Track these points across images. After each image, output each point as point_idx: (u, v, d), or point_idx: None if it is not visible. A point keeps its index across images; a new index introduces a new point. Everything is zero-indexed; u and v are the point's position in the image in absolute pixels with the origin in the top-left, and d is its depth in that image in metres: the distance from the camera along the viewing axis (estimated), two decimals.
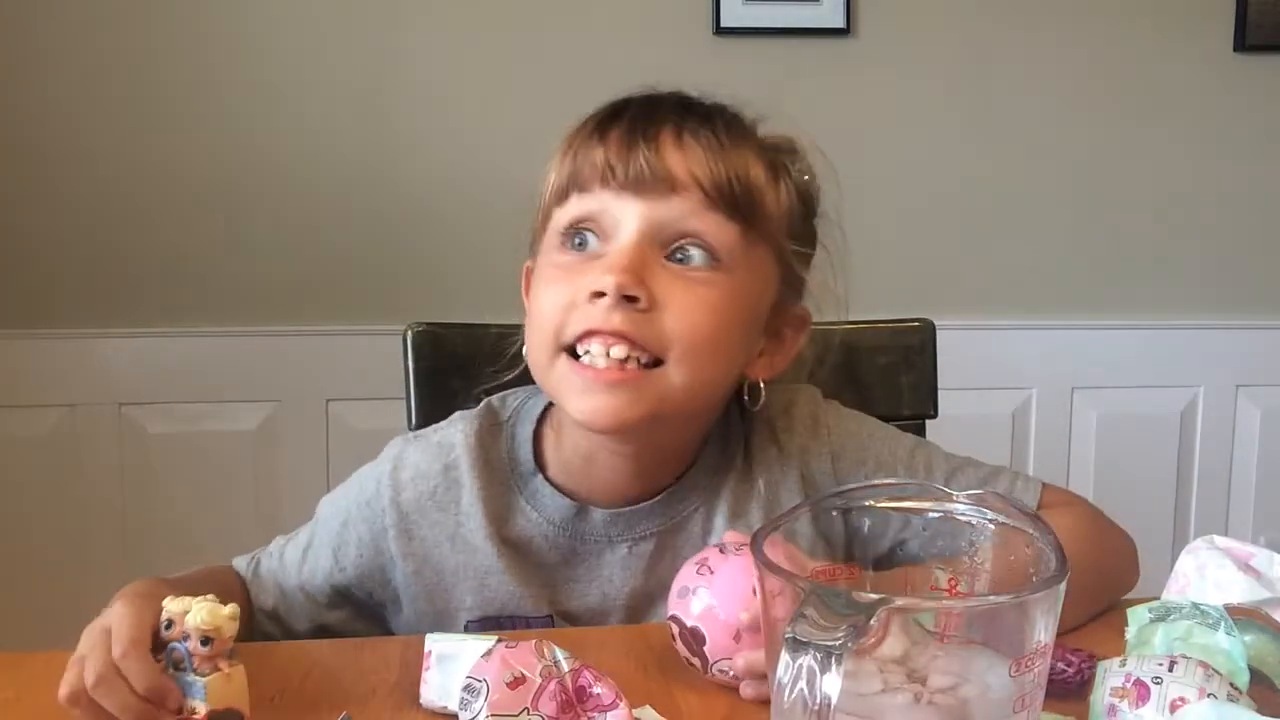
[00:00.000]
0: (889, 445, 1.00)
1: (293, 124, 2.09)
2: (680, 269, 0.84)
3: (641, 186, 0.84)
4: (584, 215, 0.86)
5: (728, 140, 0.87)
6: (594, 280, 0.82)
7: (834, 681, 0.49)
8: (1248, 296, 2.31)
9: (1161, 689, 0.65)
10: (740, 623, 0.78)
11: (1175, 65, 2.23)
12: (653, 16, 2.11)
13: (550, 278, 0.87)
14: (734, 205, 0.85)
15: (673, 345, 0.83)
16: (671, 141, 0.85)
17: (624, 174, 0.84)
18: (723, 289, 0.85)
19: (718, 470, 0.96)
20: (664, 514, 0.94)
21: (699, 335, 0.84)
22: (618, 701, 0.70)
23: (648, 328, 0.82)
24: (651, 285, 0.83)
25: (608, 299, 0.81)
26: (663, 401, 0.84)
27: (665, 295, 0.83)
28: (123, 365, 2.09)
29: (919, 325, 1.28)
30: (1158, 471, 2.31)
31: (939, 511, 0.66)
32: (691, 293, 0.84)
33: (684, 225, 0.84)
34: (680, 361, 0.84)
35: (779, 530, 0.63)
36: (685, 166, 0.84)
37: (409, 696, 0.78)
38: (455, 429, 0.96)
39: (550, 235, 0.89)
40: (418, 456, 0.95)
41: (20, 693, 0.80)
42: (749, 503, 0.95)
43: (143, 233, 2.09)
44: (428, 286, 2.11)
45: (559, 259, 0.87)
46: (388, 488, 0.94)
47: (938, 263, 2.23)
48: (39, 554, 2.10)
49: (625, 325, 0.82)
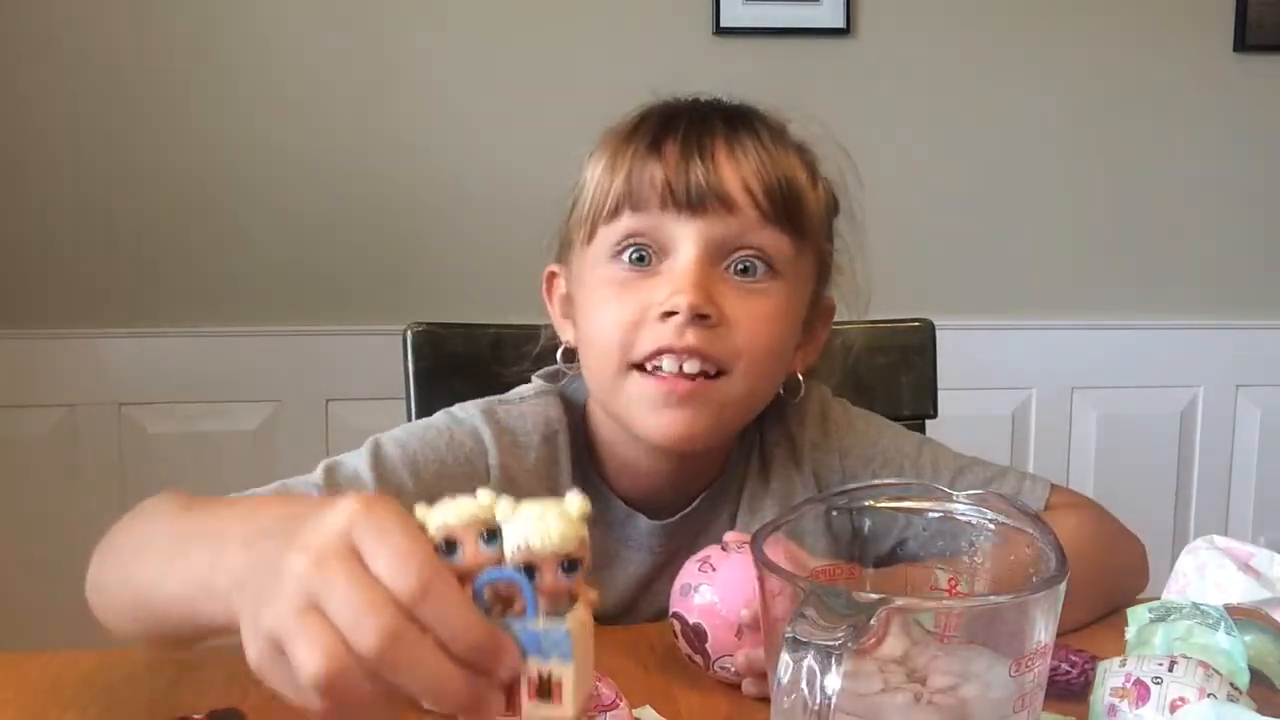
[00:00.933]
0: (896, 443, 1.01)
1: (293, 124, 2.09)
2: (741, 281, 0.86)
3: (699, 206, 0.84)
4: (641, 232, 0.86)
5: (773, 147, 0.88)
6: (665, 300, 0.83)
7: (834, 681, 0.49)
8: (1248, 296, 2.31)
9: (1161, 689, 0.65)
10: (742, 620, 0.78)
11: (1175, 65, 2.23)
12: (653, 16, 2.11)
13: (608, 295, 0.87)
14: (786, 216, 0.86)
15: (740, 358, 0.85)
16: (725, 156, 0.85)
17: (684, 194, 0.84)
18: (780, 298, 0.87)
19: (739, 475, 0.98)
20: (698, 522, 0.95)
21: (764, 347, 0.86)
22: (618, 701, 0.69)
23: (718, 343, 0.84)
24: (719, 301, 0.84)
25: (680, 317, 0.83)
26: (725, 410, 0.86)
27: (731, 310, 0.85)
28: (123, 365, 2.09)
29: (919, 325, 1.28)
30: (1158, 471, 2.31)
31: (939, 511, 0.66)
32: (755, 305, 0.86)
33: (743, 240, 0.86)
34: (746, 373, 0.86)
35: (779, 530, 0.63)
36: (740, 182, 0.85)
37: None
38: (543, 402, 0.95)
39: (598, 249, 0.88)
40: (518, 423, 0.93)
41: (20, 693, 0.80)
42: (764, 503, 0.97)
43: (143, 233, 2.09)
44: (428, 286, 2.11)
45: (615, 274, 0.87)
46: (494, 450, 0.91)
47: (938, 263, 2.23)
48: (39, 554, 2.10)
49: (699, 342, 0.83)
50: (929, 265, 2.22)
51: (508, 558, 0.47)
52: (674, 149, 0.85)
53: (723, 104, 0.92)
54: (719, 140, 0.86)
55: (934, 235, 2.23)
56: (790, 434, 0.99)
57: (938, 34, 2.18)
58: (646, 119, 0.89)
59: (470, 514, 0.47)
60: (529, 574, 0.46)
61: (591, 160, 0.91)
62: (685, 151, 0.85)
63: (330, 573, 0.45)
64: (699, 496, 0.95)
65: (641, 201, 0.85)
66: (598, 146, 0.91)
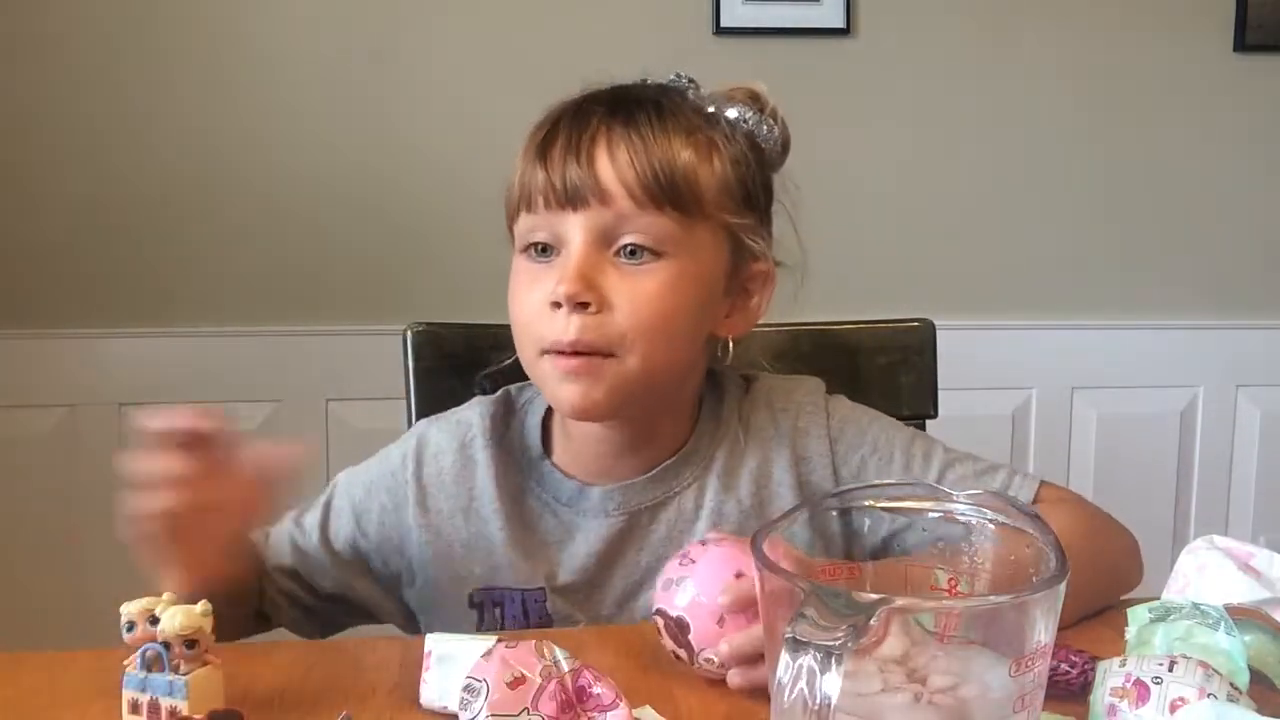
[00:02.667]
0: (888, 433, 1.04)
1: (293, 124, 2.09)
2: (628, 265, 0.93)
3: (578, 202, 0.92)
4: (535, 229, 0.95)
5: (652, 133, 0.93)
6: (552, 291, 0.91)
7: (834, 681, 0.49)
8: (1248, 296, 2.31)
9: (1161, 689, 0.65)
10: (722, 605, 0.79)
11: (1175, 65, 2.23)
12: (653, 16, 2.11)
13: (518, 287, 0.96)
14: (664, 199, 0.92)
15: (622, 339, 0.92)
16: (601, 151, 0.93)
17: (562, 194, 0.92)
18: (666, 275, 0.93)
19: (710, 447, 1.02)
20: (658, 488, 1.01)
21: (646, 326, 0.92)
22: (618, 701, 0.70)
23: (600, 329, 0.91)
24: (602, 287, 0.91)
25: (564, 307, 0.91)
26: (623, 384, 0.93)
27: (614, 294, 0.92)
28: (123, 365, 2.09)
29: (919, 325, 1.28)
30: (1158, 471, 2.31)
31: (939, 511, 0.66)
32: (639, 286, 0.92)
33: (623, 228, 0.92)
34: (630, 351, 0.92)
35: (779, 530, 0.63)
36: (614, 175, 0.92)
37: (409, 696, 0.78)
38: (474, 411, 1.05)
39: (517, 244, 0.98)
40: (438, 435, 1.04)
41: (20, 693, 0.80)
42: (739, 478, 1.01)
43: (143, 233, 2.09)
44: (428, 286, 2.12)
45: (524, 267, 0.96)
46: (412, 462, 1.03)
47: (938, 263, 2.23)
48: (39, 554, 2.10)
49: (580, 332, 0.91)
50: (929, 265, 2.22)
51: (158, 635, 0.73)
52: (556, 151, 0.93)
53: (619, 93, 0.98)
54: (597, 135, 0.93)
55: (934, 235, 2.23)
56: (775, 418, 1.04)
57: (938, 34, 2.18)
58: (543, 123, 0.97)
59: (142, 606, 0.75)
60: (166, 646, 0.73)
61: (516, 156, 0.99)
62: (564, 151, 0.93)
63: None
64: (659, 466, 1.01)
65: (533, 203, 0.94)
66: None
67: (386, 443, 1.11)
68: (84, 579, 2.08)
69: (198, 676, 0.73)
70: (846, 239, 2.11)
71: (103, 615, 0.87)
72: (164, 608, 0.74)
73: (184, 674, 0.73)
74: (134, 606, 0.75)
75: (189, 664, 0.73)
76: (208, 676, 0.74)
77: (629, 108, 0.95)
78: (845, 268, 2.10)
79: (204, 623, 0.74)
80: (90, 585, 2.08)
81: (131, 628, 0.74)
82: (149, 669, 0.73)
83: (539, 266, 0.95)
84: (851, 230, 2.12)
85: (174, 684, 0.73)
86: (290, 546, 1.03)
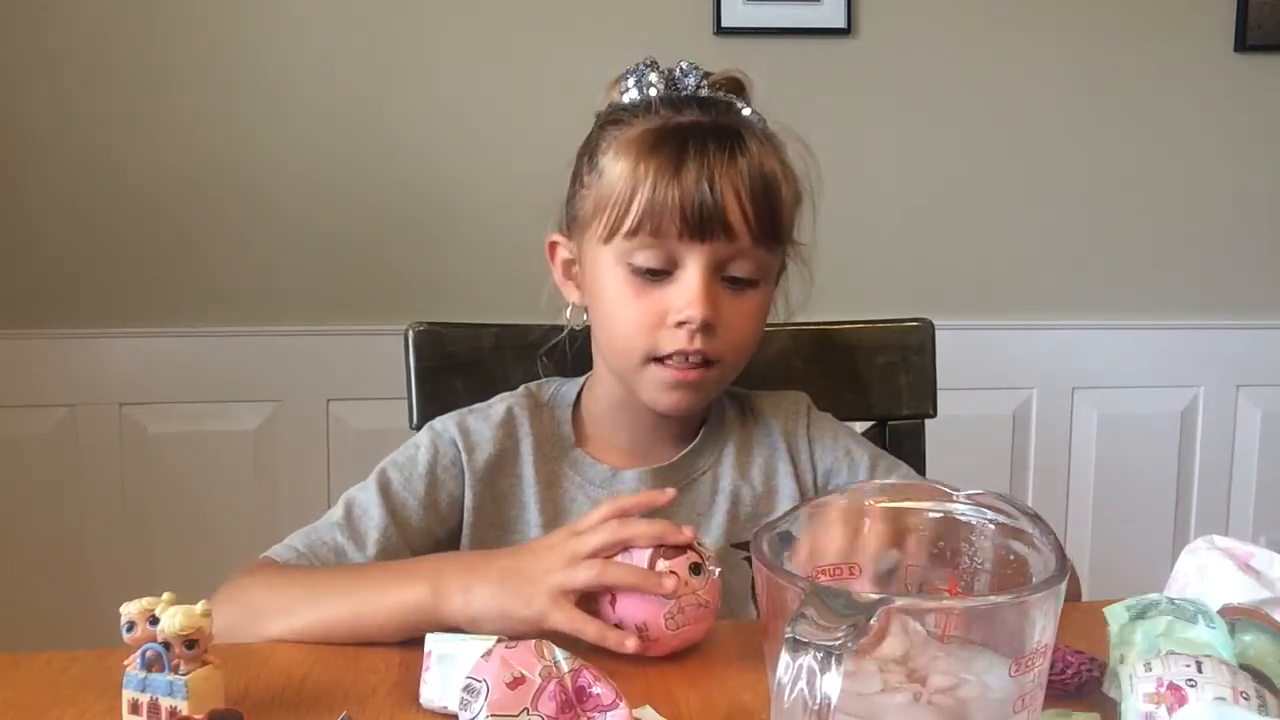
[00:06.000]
0: (858, 445, 1.15)
1: (293, 124, 2.09)
2: (734, 291, 1.02)
3: (707, 234, 0.99)
4: (655, 251, 1.00)
5: (760, 169, 1.01)
6: (680, 311, 1.00)
7: (834, 681, 0.49)
8: (1248, 296, 2.31)
9: (1197, 692, 0.65)
10: None
11: (1175, 65, 2.23)
12: (653, 16, 2.11)
13: (626, 296, 1.02)
14: (771, 234, 1.02)
15: (729, 352, 1.03)
16: (727, 184, 0.99)
17: (696, 224, 0.99)
18: (761, 298, 1.05)
19: (722, 435, 1.14)
20: (680, 472, 1.11)
21: (747, 342, 1.05)
22: (618, 701, 0.70)
23: (715, 344, 1.02)
24: (718, 309, 1.01)
25: (692, 326, 1.00)
26: (715, 387, 1.07)
27: (725, 316, 1.02)
28: (123, 365, 2.09)
29: (919, 325, 1.29)
30: (1158, 471, 2.31)
31: (939, 511, 0.66)
32: (743, 310, 1.03)
33: (737, 258, 1.01)
34: (733, 361, 1.05)
35: (777, 530, 0.63)
36: (739, 210, 0.99)
37: (409, 696, 0.78)
38: (504, 404, 1.12)
39: (614, 250, 1.02)
40: (480, 426, 1.10)
41: (19, 693, 0.80)
42: (751, 465, 1.13)
43: (143, 233, 2.09)
44: (428, 286, 2.12)
45: (631, 280, 1.02)
46: (463, 451, 1.08)
47: (938, 263, 2.23)
48: (39, 554, 2.10)
49: (704, 346, 1.01)
50: (929, 265, 2.22)
51: (158, 635, 0.73)
52: (689, 180, 0.99)
53: (717, 116, 1.03)
54: (724, 166, 1.00)
55: (934, 235, 2.23)
56: (768, 421, 1.15)
57: (938, 34, 2.18)
58: (663, 140, 1.01)
59: (142, 606, 0.75)
60: (166, 646, 0.73)
61: (610, 155, 1.02)
62: (698, 182, 0.99)
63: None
64: (681, 452, 1.12)
65: (658, 229, 0.99)
66: (613, 140, 1.03)
67: (387, 443, 1.12)
68: (84, 579, 2.08)
69: (198, 676, 0.73)
70: (846, 239, 2.11)
71: (103, 615, 0.87)
72: (164, 608, 0.74)
73: (184, 674, 0.73)
74: (134, 606, 0.75)
75: (189, 664, 0.73)
76: (208, 676, 0.74)
77: (741, 136, 1.02)
78: (845, 268, 2.10)
79: (204, 623, 0.74)
80: (90, 585, 2.08)
81: (131, 628, 0.75)
82: (149, 669, 0.73)
83: (649, 283, 1.02)
84: (851, 230, 2.12)
85: (174, 684, 0.73)
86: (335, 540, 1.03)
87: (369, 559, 1.02)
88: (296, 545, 1.03)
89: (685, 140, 1.00)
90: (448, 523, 1.08)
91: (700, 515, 1.09)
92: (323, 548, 1.02)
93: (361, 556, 1.02)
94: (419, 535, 1.06)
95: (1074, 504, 2.28)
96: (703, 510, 1.10)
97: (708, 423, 1.13)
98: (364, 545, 1.02)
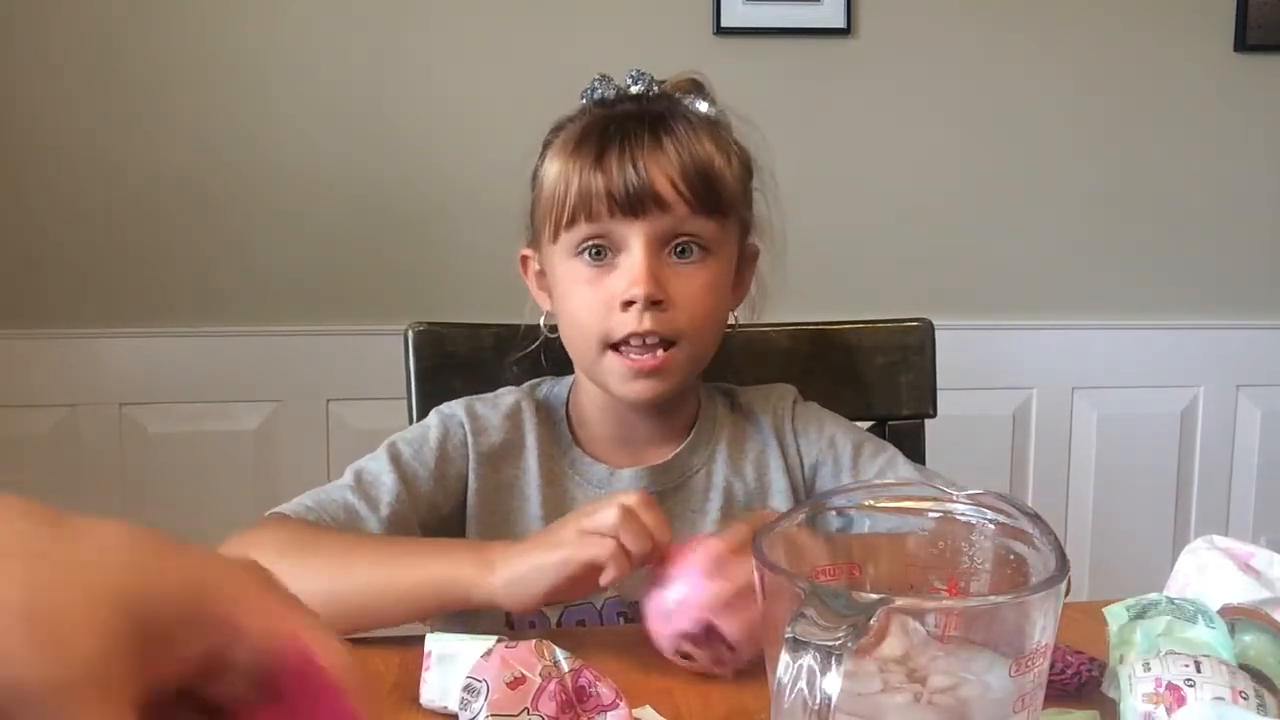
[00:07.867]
0: (843, 432, 1.14)
1: (293, 124, 2.09)
2: (680, 263, 1.03)
3: (639, 209, 1.00)
4: (595, 235, 1.02)
5: (690, 141, 1.02)
6: (625, 291, 1.00)
7: (834, 681, 0.49)
8: (1248, 296, 2.31)
9: (1195, 692, 0.65)
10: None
11: (1175, 65, 2.23)
12: (653, 16, 2.11)
13: (577, 288, 1.04)
14: (710, 203, 1.02)
15: (687, 329, 1.02)
16: (652, 162, 1.01)
17: (624, 203, 1.00)
18: (713, 270, 1.04)
19: (714, 439, 1.14)
20: (675, 470, 1.11)
21: (704, 316, 1.04)
22: (618, 701, 0.70)
23: (668, 322, 1.01)
24: (666, 286, 1.01)
25: (639, 305, 1.00)
26: (679, 370, 1.04)
27: (676, 292, 1.01)
28: (123, 365, 2.09)
29: (919, 325, 1.29)
30: (1158, 471, 2.31)
31: (939, 511, 0.66)
32: (694, 283, 1.03)
33: (677, 230, 1.02)
34: (692, 339, 1.03)
35: (778, 530, 0.63)
36: (668, 182, 1.00)
37: (409, 696, 0.78)
38: (512, 397, 1.13)
39: (563, 247, 1.04)
40: (488, 412, 1.11)
41: None
42: (743, 464, 1.13)
43: (143, 233, 2.09)
44: (428, 286, 2.12)
45: (580, 270, 1.04)
46: (470, 434, 1.09)
47: (938, 263, 2.23)
48: None
49: (655, 325, 1.01)
50: (929, 265, 2.22)
51: None
52: (612, 163, 1.01)
53: (647, 104, 1.06)
54: (647, 148, 1.01)
55: (934, 235, 2.23)
56: (756, 416, 1.16)
57: (938, 34, 2.18)
58: (588, 133, 1.04)
59: None
60: None
61: (546, 161, 1.07)
62: (620, 164, 1.00)
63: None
64: (675, 450, 1.12)
65: (592, 212, 1.01)
66: (550, 148, 1.07)
67: None
68: None
69: None
70: (846, 239, 2.11)
71: None
72: None
73: None
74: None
75: None
76: None
77: (665, 119, 1.03)
78: (845, 268, 2.10)
79: None
80: None
81: None
82: None
83: (597, 269, 1.03)
84: (851, 230, 2.12)
85: None
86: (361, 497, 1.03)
87: (381, 521, 1.01)
88: (306, 502, 1.02)
89: (609, 128, 1.03)
90: (453, 499, 1.08)
91: (695, 512, 1.09)
92: (333, 505, 1.01)
93: (374, 518, 1.01)
94: (427, 506, 1.05)
95: (1074, 504, 2.28)
96: (697, 507, 1.10)
97: (699, 420, 1.14)
98: (376, 507, 1.01)
